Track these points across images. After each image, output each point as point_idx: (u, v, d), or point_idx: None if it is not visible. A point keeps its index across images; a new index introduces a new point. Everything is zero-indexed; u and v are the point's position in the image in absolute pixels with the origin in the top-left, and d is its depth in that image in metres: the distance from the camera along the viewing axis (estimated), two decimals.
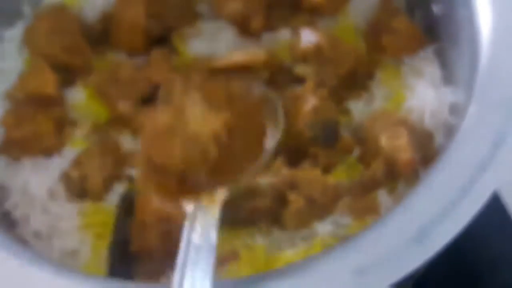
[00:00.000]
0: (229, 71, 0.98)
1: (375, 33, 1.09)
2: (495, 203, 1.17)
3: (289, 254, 0.88)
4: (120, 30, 1.09)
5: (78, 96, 1.07)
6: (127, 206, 0.93)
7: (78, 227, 0.96)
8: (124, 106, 1.04)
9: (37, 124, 1.00)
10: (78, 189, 0.98)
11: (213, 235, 0.74)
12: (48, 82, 1.03)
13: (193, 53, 1.11)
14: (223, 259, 0.84)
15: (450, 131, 0.97)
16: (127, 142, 1.03)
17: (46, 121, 1.01)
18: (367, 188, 0.95)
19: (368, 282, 0.69)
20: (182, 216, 0.87)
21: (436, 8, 1.07)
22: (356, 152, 0.98)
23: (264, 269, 0.86)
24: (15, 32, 1.15)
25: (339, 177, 0.96)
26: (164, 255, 0.88)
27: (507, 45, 0.87)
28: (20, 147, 1.00)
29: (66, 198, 0.99)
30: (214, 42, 1.11)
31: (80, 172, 0.97)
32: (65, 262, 0.93)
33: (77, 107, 1.07)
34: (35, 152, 1.01)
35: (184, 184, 0.79)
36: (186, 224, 0.76)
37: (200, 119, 0.78)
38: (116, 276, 0.82)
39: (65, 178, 0.99)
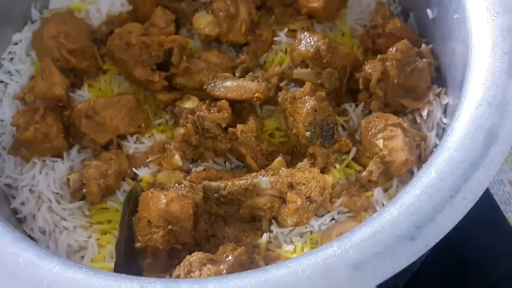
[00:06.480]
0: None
1: (371, 37, 1.11)
2: (487, 202, 1.18)
3: (288, 250, 0.91)
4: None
5: (85, 98, 1.10)
6: (133, 204, 0.95)
7: (83, 224, 0.99)
8: (139, 73, 1.08)
9: (46, 125, 1.02)
10: (76, 192, 1.01)
11: None
12: (57, 84, 1.06)
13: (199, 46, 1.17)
14: None
15: (443, 131, 1.00)
16: (131, 145, 1.06)
17: (55, 123, 1.04)
18: (363, 187, 0.97)
19: (363, 277, 0.72)
20: (187, 217, 0.90)
21: (431, 12, 1.09)
22: (353, 152, 1.00)
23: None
24: (23, 36, 1.17)
25: (337, 176, 0.99)
26: (168, 252, 0.90)
27: (499, 47, 0.89)
28: (30, 148, 1.03)
29: (70, 198, 1.02)
30: None
31: (80, 178, 1.00)
32: (72, 258, 0.96)
33: None
34: (44, 152, 1.03)
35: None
36: None
37: None
38: (121, 272, 0.83)
39: (66, 180, 1.02)
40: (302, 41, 1.06)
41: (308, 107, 0.99)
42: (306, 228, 0.94)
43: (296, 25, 1.13)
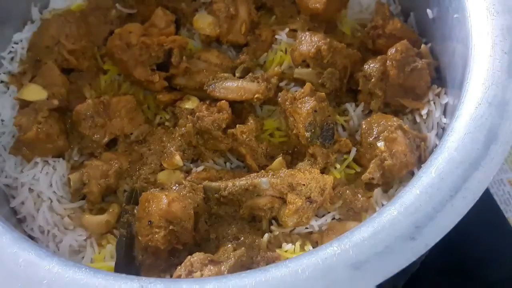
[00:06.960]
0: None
1: (371, 37, 1.11)
2: (487, 202, 1.18)
3: (288, 250, 0.91)
4: None
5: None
6: (133, 204, 0.95)
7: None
8: (139, 74, 1.09)
9: (48, 126, 1.02)
10: (77, 191, 1.01)
11: None
12: (57, 85, 1.06)
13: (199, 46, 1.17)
14: None
15: (443, 130, 1.00)
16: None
17: (57, 123, 1.04)
18: (363, 187, 0.97)
19: (363, 277, 0.72)
20: (188, 217, 0.90)
21: (431, 12, 1.09)
22: (353, 152, 1.00)
23: None
24: (24, 36, 1.17)
25: (337, 176, 0.98)
26: (169, 253, 0.90)
27: (498, 46, 0.89)
28: (31, 148, 1.03)
29: (70, 198, 1.02)
30: None
31: (81, 177, 1.00)
32: (72, 258, 0.96)
33: None
34: (46, 152, 1.04)
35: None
36: None
37: None
38: (121, 272, 0.83)
39: (67, 180, 1.02)
40: (303, 41, 1.06)
41: (308, 108, 0.99)
42: (306, 228, 0.94)
43: (297, 25, 1.14)
